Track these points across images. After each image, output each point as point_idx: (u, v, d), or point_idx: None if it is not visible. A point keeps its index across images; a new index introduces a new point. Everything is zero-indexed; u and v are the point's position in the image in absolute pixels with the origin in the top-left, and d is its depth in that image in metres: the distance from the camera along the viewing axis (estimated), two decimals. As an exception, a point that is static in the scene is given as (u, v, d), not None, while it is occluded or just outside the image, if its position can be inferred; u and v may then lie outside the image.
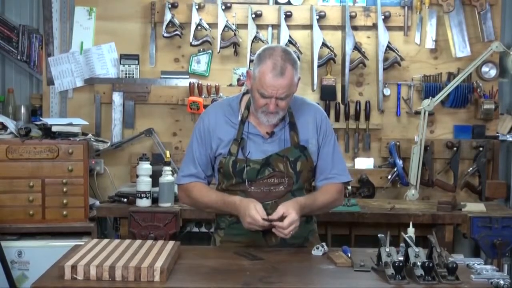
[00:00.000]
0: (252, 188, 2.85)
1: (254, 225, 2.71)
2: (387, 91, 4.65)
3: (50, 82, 4.64)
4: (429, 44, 4.64)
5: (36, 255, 3.95)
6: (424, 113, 4.40)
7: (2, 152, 4.01)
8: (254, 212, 2.68)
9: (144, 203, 3.99)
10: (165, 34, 4.58)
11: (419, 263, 2.43)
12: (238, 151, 2.84)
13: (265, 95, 2.72)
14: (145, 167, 3.98)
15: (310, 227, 2.98)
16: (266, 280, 2.42)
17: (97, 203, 4.31)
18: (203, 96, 4.56)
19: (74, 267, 2.35)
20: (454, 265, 2.40)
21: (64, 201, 4.09)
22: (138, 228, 3.90)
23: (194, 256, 2.74)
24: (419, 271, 2.41)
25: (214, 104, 3.09)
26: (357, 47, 4.55)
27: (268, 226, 2.71)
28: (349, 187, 4.37)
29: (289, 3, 4.64)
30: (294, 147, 2.86)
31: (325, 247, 2.80)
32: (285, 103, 2.75)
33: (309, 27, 4.61)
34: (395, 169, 4.53)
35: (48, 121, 4.26)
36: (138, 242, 2.71)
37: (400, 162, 4.52)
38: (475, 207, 4.16)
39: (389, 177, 4.57)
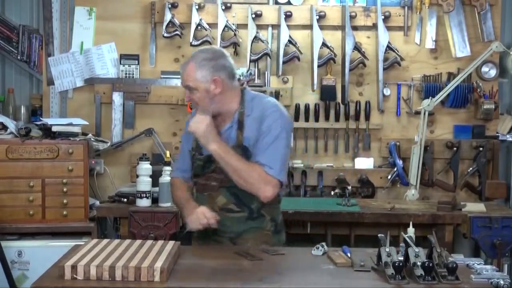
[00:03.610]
0: (199, 181, 3.04)
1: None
2: (387, 91, 4.65)
3: (50, 82, 4.64)
4: (429, 44, 4.64)
5: (36, 255, 3.95)
6: (424, 113, 4.40)
7: (2, 152, 4.02)
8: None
9: (144, 203, 3.99)
10: (165, 34, 4.59)
11: (419, 263, 2.43)
12: (196, 147, 3.06)
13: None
14: (145, 167, 3.98)
15: (250, 224, 2.98)
16: (266, 280, 2.42)
17: (97, 203, 4.31)
18: (203, 96, 4.55)
19: (74, 267, 2.35)
20: (454, 265, 2.41)
21: (64, 201, 4.09)
22: (138, 228, 3.90)
23: (194, 256, 2.74)
24: (419, 271, 2.42)
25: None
26: (357, 47, 4.55)
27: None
28: (349, 187, 4.39)
29: (289, 3, 4.64)
30: (237, 147, 2.95)
31: (325, 247, 2.81)
32: (196, 98, 2.95)
33: (309, 27, 4.61)
34: (395, 169, 4.53)
35: (48, 121, 4.26)
36: (138, 242, 2.71)
37: (400, 162, 4.52)
38: (475, 207, 4.16)
39: (389, 177, 4.57)
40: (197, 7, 4.57)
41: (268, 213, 3.01)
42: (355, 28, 4.61)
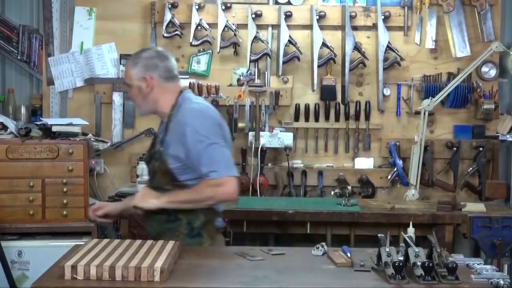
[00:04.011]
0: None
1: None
2: (387, 91, 4.65)
3: (50, 82, 4.64)
4: (429, 44, 4.64)
5: (36, 255, 3.94)
6: (424, 113, 4.40)
7: (2, 152, 4.01)
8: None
9: (144, 203, 3.98)
10: (165, 34, 4.59)
11: (419, 263, 2.43)
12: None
13: None
14: (145, 167, 3.97)
15: (167, 226, 3.01)
16: (266, 280, 2.42)
17: (97, 203, 4.31)
18: (203, 96, 4.56)
19: (74, 267, 2.35)
20: (454, 265, 2.41)
21: (64, 201, 4.08)
22: (138, 228, 3.90)
23: (194, 256, 2.74)
24: (419, 271, 2.41)
25: None
26: (357, 47, 4.56)
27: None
28: (349, 187, 4.39)
29: (289, 3, 4.65)
30: (159, 149, 3.03)
31: (325, 247, 2.81)
32: (131, 94, 3.11)
33: (309, 27, 4.61)
34: (395, 169, 4.54)
35: (48, 121, 4.25)
36: (138, 242, 2.71)
37: (400, 162, 4.53)
38: (475, 207, 4.16)
39: (389, 177, 4.57)
40: (197, 7, 4.57)
41: (184, 217, 3.00)
42: (355, 28, 4.61)
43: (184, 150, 2.93)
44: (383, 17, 4.57)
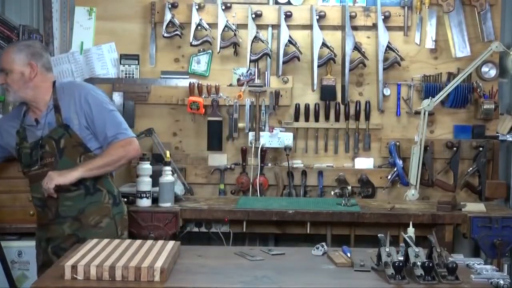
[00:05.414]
0: (31, 172, 3.27)
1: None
2: (387, 91, 4.65)
3: (50, 82, 4.64)
4: (429, 44, 4.64)
5: (36, 255, 3.94)
6: (424, 113, 4.40)
7: (2, 152, 4.01)
8: None
9: (144, 203, 3.99)
10: (165, 34, 4.59)
11: (419, 263, 2.43)
12: (20, 138, 3.31)
13: None
14: (145, 167, 3.98)
15: (89, 200, 3.24)
16: (266, 280, 2.43)
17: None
18: (203, 96, 4.57)
19: (74, 267, 2.35)
20: (454, 265, 2.41)
21: (64, 201, 4.08)
22: (138, 228, 3.91)
23: (194, 256, 2.75)
24: (419, 271, 2.42)
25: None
26: (357, 47, 4.55)
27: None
28: (349, 187, 4.39)
29: (289, 3, 4.65)
30: (59, 127, 3.22)
31: (325, 247, 2.81)
32: (10, 80, 3.22)
33: (309, 27, 4.61)
34: (395, 169, 4.54)
35: (48, 121, 4.25)
36: (138, 242, 2.71)
37: (400, 162, 4.53)
38: (475, 207, 4.16)
39: (389, 177, 4.57)
40: (197, 7, 4.57)
41: (103, 187, 3.27)
42: (355, 28, 4.61)
43: (88, 119, 3.21)
44: (383, 17, 4.57)
